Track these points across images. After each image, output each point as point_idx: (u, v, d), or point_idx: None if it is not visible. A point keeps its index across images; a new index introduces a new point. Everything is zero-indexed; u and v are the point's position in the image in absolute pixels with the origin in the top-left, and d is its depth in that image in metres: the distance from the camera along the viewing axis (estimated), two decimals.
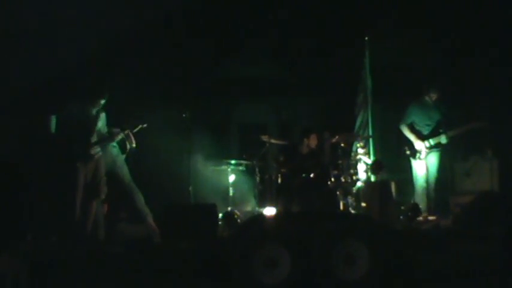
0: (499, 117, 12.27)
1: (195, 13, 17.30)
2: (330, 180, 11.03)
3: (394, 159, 13.42)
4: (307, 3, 17.30)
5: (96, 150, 10.15)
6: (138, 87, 13.59)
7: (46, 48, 12.05)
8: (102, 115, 10.29)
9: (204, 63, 17.45)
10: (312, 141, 11.83)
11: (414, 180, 11.60)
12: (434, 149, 11.41)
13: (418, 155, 11.41)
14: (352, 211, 11.01)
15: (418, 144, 11.39)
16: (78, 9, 12.16)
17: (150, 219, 10.69)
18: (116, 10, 12.94)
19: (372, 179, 11.59)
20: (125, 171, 10.81)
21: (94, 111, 10.17)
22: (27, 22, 11.81)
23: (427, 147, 11.36)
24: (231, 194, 11.78)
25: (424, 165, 11.41)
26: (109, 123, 10.49)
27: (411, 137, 11.48)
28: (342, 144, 11.40)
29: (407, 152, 11.53)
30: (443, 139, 11.30)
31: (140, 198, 10.78)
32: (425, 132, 11.47)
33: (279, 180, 11.23)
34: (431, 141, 11.36)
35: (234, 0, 17.64)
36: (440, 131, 11.35)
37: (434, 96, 11.55)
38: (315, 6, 17.23)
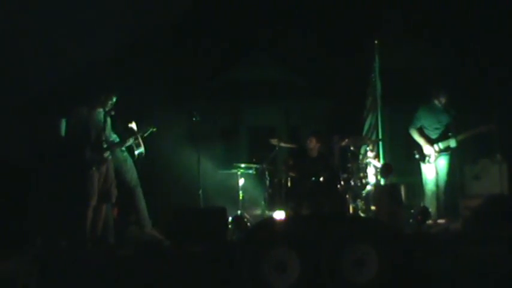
0: (507, 120, 12.25)
1: (204, 16, 17.35)
2: (340, 183, 11.03)
3: (403, 162, 13.44)
4: (317, 7, 17.35)
5: (107, 154, 10.19)
6: (148, 90, 13.63)
7: (54, 51, 12.09)
8: (108, 119, 10.33)
9: (213, 67, 17.51)
10: (310, 143, 11.84)
11: (424, 183, 11.59)
12: (444, 153, 11.39)
13: (427, 158, 11.40)
14: (362, 214, 11.02)
15: (427, 148, 11.38)
16: (87, 11, 12.20)
17: (148, 228, 10.67)
18: (124, 13, 12.98)
19: (382, 182, 11.58)
20: (131, 175, 10.80)
21: (102, 115, 10.20)
22: (35, 25, 11.86)
23: (436, 151, 11.35)
24: (240, 197, 11.77)
25: (434, 168, 11.39)
26: (118, 126, 10.52)
27: (420, 140, 11.47)
28: (352, 148, 11.41)
29: (417, 156, 11.53)
30: (452, 143, 11.29)
31: (142, 206, 10.76)
32: (435, 135, 11.46)
33: (289, 184, 11.22)
34: (441, 145, 11.35)
35: (244, 3, 17.71)
36: (450, 134, 11.33)
37: (443, 99, 11.53)
38: (324, 10, 17.28)
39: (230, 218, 10.90)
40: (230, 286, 8.18)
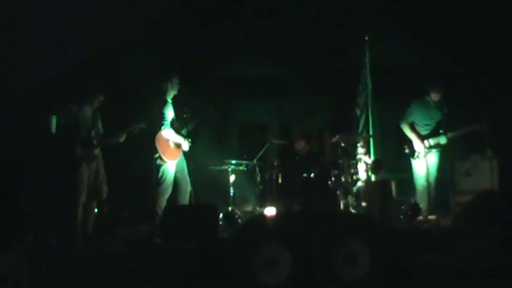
0: (498, 116, 12.27)
1: (196, 12, 17.31)
2: (330, 180, 11.04)
3: (394, 158, 13.42)
4: (308, 3, 17.33)
5: (98, 150, 10.22)
6: (137, 86, 13.61)
7: (45, 49, 12.07)
8: (98, 115, 10.37)
9: (205, 63, 17.47)
10: (298, 146, 11.90)
11: (415, 179, 11.59)
12: (434, 149, 11.39)
13: (416, 154, 11.40)
14: (353, 211, 11.02)
15: (418, 144, 11.38)
16: (76, 11, 12.19)
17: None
18: (114, 10, 12.96)
19: (372, 178, 11.57)
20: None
21: (92, 111, 10.24)
22: (27, 23, 11.83)
23: (426, 147, 11.35)
24: (231, 194, 11.75)
25: (424, 163, 11.39)
26: (108, 123, 10.54)
27: (412, 136, 11.47)
28: (342, 144, 11.40)
29: (406, 151, 11.53)
30: (442, 140, 11.29)
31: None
32: (425, 132, 11.46)
33: (280, 180, 11.23)
34: (431, 141, 11.35)
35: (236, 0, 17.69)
36: (441, 131, 11.33)
37: (436, 96, 11.53)
38: (316, 7, 17.25)
39: (221, 215, 10.90)
40: (221, 283, 8.19)
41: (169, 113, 10.75)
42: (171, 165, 10.74)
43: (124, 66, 13.51)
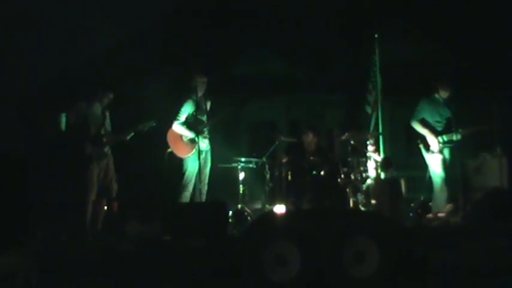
0: (507, 114, 12.23)
1: (205, 11, 17.33)
2: (340, 177, 11.03)
3: (403, 156, 13.40)
4: (317, 1, 17.33)
5: (107, 148, 10.22)
6: (147, 84, 13.62)
7: (54, 47, 12.09)
8: (107, 114, 10.38)
9: (213, 62, 17.48)
10: (307, 138, 11.88)
11: (432, 173, 11.45)
12: (446, 145, 11.35)
13: (431, 148, 11.34)
14: (362, 208, 11.00)
15: (431, 139, 11.33)
16: (85, 9, 12.20)
17: None
18: (123, 7, 12.97)
19: (382, 176, 11.56)
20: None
21: (101, 109, 10.24)
22: (36, 21, 11.85)
23: (440, 142, 11.29)
24: (241, 191, 11.76)
25: (440, 158, 11.31)
26: (118, 121, 10.56)
27: (425, 131, 11.39)
28: (352, 142, 11.39)
29: (421, 145, 11.46)
30: (455, 136, 11.25)
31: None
32: (437, 129, 11.42)
33: (289, 178, 11.22)
34: (445, 137, 11.31)
35: None
36: (453, 129, 11.29)
37: (445, 94, 11.50)
38: (324, 5, 17.25)
39: (230, 212, 10.89)
40: (230, 281, 8.18)
41: (187, 110, 10.82)
42: (193, 160, 10.80)
43: (133, 64, 13.53)
